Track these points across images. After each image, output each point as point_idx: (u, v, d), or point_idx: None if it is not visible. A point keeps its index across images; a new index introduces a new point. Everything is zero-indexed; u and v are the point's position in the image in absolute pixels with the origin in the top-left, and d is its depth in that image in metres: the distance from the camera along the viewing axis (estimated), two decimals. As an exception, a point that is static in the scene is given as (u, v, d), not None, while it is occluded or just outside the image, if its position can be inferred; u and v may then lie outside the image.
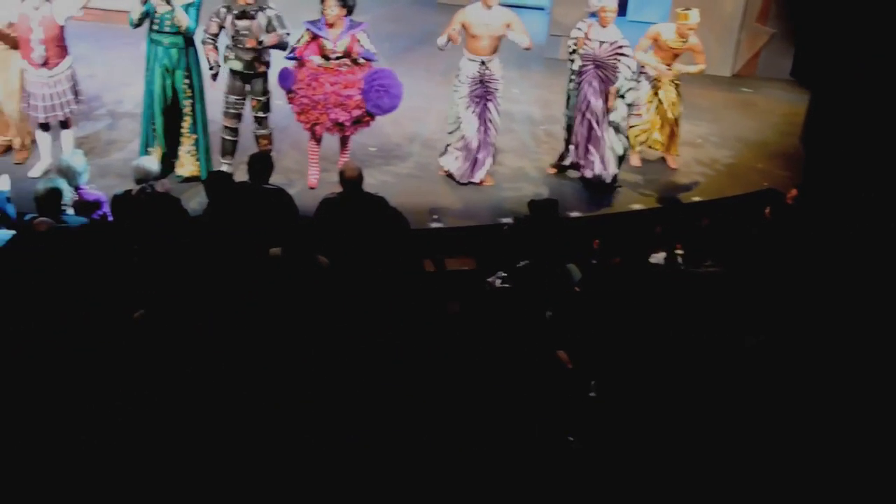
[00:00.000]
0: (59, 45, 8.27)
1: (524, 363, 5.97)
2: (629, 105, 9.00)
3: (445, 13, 12.68)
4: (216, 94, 8.60)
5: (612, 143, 8.95)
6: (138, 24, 8.27)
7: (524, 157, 9.66)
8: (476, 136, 8.85)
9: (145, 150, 8.60)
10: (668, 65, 9.32)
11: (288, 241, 6.30)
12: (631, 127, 9.33)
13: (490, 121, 8.87)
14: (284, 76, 8.38)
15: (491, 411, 5.68)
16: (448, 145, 9.03)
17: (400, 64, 10.42)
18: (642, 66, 9.30)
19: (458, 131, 8.90)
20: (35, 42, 8.13)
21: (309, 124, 8.53)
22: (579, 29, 8.84)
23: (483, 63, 8.71)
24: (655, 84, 9.41)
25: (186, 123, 8.57)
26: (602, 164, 8.95)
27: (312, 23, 8.35)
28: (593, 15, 8.84)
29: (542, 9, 12.80)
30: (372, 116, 8.55)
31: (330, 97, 8.31)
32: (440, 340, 6.47)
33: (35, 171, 8.55)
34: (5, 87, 8.60)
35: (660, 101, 9.42)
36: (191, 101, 8.50)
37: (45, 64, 8.22)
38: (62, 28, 8.23)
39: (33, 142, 8.80)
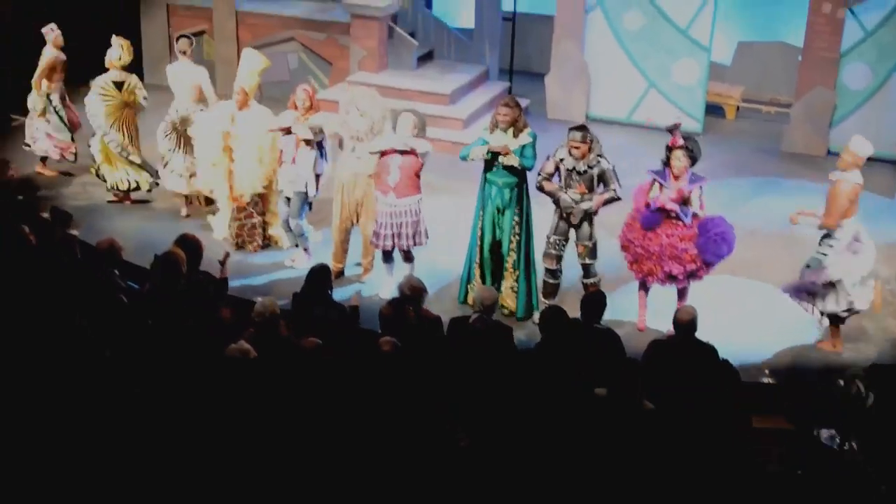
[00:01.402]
0: (412, 179, 8.76)
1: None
2: None
3: (787, 161, 12.53)
4: (539, 233, 8.92)
5: None
6: (471, 160, 8.69)
7: (867, 317, 9.16)
8: None
9: (465, 286, 9.00)
10: None
11: (614, 382, 6.31)
12: None
13: None
14: (650, 221, 8.45)
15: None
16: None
17: (737, 211, 10.29)
18: None
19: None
20: (393, 167, 8.71)
21: (642, 274, 8.57)
22: None
23: None
24: None
25: (511, 259, 8.84)
26: None
27: (656, 172, 8.46)
28: None
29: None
30: (707, 268, 8.47)
31: (666, 249, 8.33)
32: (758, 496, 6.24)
33: (384, 293, 9.13)
34: (366, 212, 9.31)
35: None
36: (518, 238, 8.77)
37: (395, 192, 8.77)
38: (420, 164, 8.75)
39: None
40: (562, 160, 8.54)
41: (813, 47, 12.74)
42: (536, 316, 8.39)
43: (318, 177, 9.38)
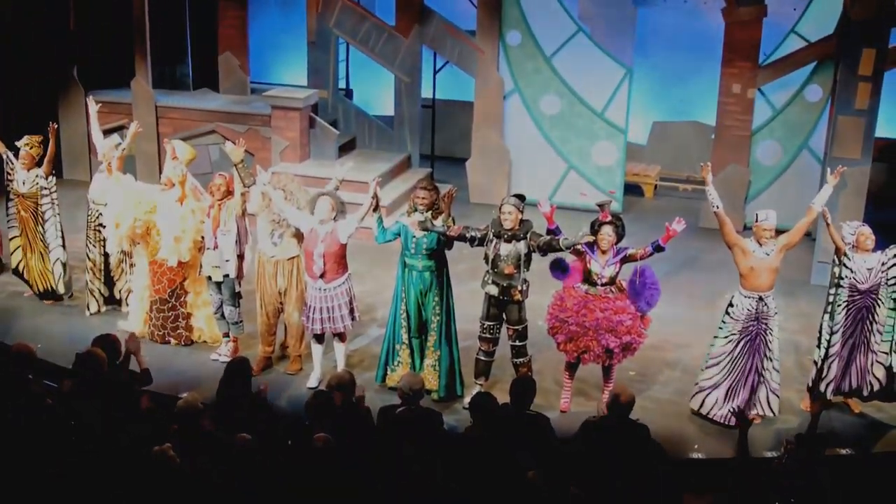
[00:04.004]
0: (338, 262, 8.80)
1: None
2: None
3: (706, 237, 12.74)
4: (465, 311, 8.92)
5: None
6: (386, 241, 8.81)
7: (790, 388, 9.28)
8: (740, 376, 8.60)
9: (384, 368, 9.02)
10: None
11: (545, 465, 6.30)
12: None
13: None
14: (559, 266, 8.57)
15: None
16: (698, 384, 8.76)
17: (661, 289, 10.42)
18: None
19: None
20: (317, 256, 8.70)
21: (577, 352, 8.53)
22: (845, 265, 8.58)
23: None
24: None
25: (432, 339, 8.89)
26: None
27: (586, 245, 8.48)
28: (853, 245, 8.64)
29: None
30: (639, 338, 8.52)
31: (602, 322, 8.37)
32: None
33: (311, 381, 9.05)
34: (290, 301, 9.26)
35: None
36: (438, 318, 8.84)
37: (322, 277, 8.77)
38: (343, 246, 8.79)
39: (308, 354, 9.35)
40: (493, 235, 8.46)
41: (725, 126, 13.13)
42: (466, 400, 8.37)
43: (240, 258, 9.31)
